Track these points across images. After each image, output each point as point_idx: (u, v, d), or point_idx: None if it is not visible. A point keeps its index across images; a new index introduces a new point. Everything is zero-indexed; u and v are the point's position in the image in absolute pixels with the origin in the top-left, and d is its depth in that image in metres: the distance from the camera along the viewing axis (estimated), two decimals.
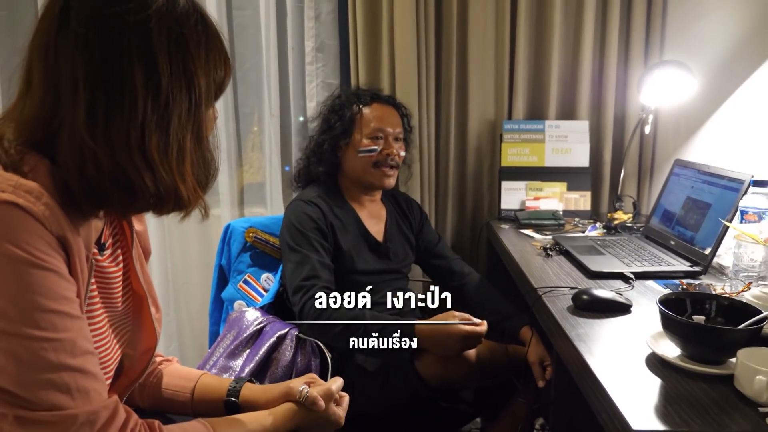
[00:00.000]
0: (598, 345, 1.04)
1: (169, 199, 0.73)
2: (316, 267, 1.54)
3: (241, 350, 1.43)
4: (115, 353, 0.85)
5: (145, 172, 0.70)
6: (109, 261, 0.84)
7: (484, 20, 2.22)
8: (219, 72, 0.78)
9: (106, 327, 0.81)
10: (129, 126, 0.68)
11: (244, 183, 2.47)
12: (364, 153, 1.71)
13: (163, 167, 0.71)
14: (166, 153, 0.71)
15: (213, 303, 1.79)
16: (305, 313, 1.47)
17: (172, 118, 0.71)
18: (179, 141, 0.72)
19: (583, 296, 1.23)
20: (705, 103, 1.90)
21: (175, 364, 1.06)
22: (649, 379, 0.92)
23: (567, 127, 2.23)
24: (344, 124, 1.71)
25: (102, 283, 0.81)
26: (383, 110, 1.76)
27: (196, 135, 0.75)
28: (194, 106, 0.73)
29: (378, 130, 1.72)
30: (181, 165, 0.73)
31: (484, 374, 1.50)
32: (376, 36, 2.20)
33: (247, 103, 2.42)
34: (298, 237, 1.60)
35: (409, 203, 1.95)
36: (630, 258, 1.55)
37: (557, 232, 1.95)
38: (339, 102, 1.76)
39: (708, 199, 1.55)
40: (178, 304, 2.49)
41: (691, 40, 2.02)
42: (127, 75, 0.68)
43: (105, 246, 0.83)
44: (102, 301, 0.81)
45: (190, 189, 0.74)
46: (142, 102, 0.69)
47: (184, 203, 0.75)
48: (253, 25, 2.32)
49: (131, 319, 0.90)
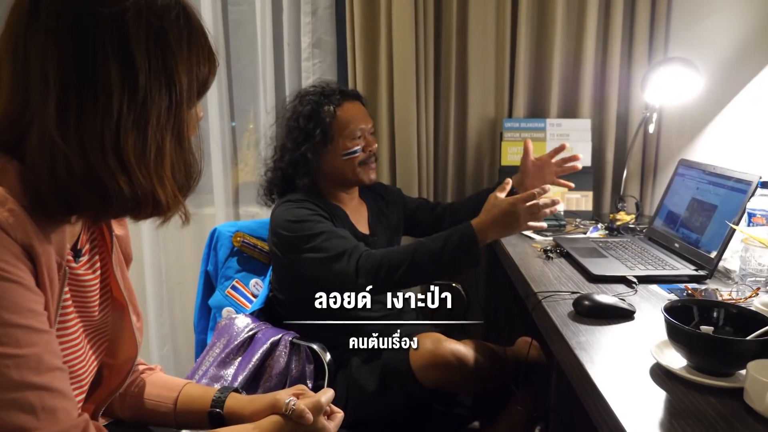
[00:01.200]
0: (600, 354, 1.00)
1: (146, 204, 0.69)
2: (345, 236, 1.49)
3: (232, 358, 1.39)
4: (91, 364, 0.80)
5: (120, 175, 0.65)
6: (85, 268, 0.79)
7: (484, 15, 2.17)
8: (202, 69, 0.73)
9: (80, 337, 0.77)
10: (103, 126, 0.64)
11: (239, 182, 2.43)
12: (348, 156, 1.67)
13: (140, 170, 0.67)
14: (144, 155, 0.67)
15: (199, 311, 1.74)
16: (362, 266, 1.40)
17: (150, 118, 0.67)
18: (158, 142, 0.68)
19: (585, 302, 1.19)
20: (711, 102, 1.85)
21: (159, 373, 1.02)
22: (654, 391, 0.88)
23: (569, 125, 2.18)
24: (323, 129, 1.64)
25: (77, 292, 0.77)
26: (354, 108, 1.70)
27: (176, 136, 0.71)
28: (175, 104, 0.69)
29: (356, 130, 1.67)
30: (160, 168, 0.69)
31: (482, 379, 1.46)
32: (374, 31, 2.15)
33: (243, 100, 2.39)
34: (302, 226, 1.52)
35: (384, 188, 1.92)
36: (633, 261, 1.51)
37: (558, 233, 1.90)
38: (309, 109, 1.66)
39: (714, 200, 1.50)
40: (172, 304, 2.46)
41: (697, 37, 1.98)
42: (101, 71, 0.64)
43: (81, 252, 0.79)
44: (77, 310, 0.77)
45: (169, 193, 0.70)
46: (118, 100, 0.64)
47: (163, 208, 0.71)
48: (248, 20, 2.29)
49: (110, 328, 0.86)
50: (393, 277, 1.40)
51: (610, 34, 2.14)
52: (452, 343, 1.43)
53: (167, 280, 2.43)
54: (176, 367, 2.49)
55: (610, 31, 2.14)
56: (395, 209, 1.88)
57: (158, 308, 2.43)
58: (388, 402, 1.44)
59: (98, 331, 0.83)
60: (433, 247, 1.40)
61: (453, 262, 1.40)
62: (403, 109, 2.15)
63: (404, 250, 1.44)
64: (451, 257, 1.39)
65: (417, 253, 1.41)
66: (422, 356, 1.40)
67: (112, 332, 0.87)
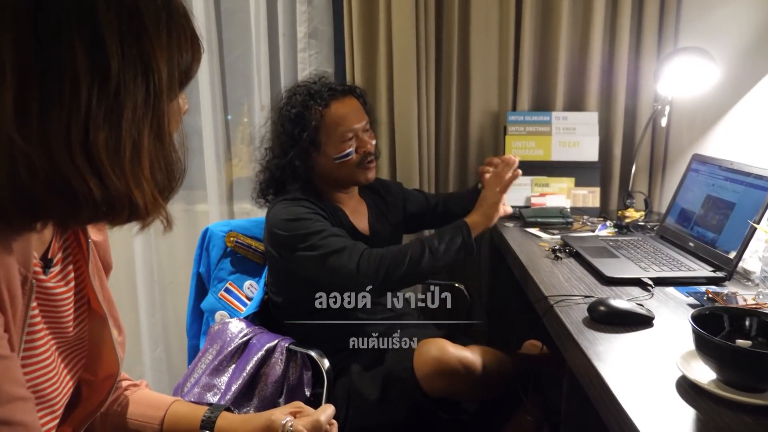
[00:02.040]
0: (621, 365, 0.94)
1: (121, 209, 0.61)
2: (344, 235, 1.46)
3: (225, 366, 1.31)
4: (66, 385, 0.73)
5: (90, 176, 0.57)
6: (56, 280, 0.71)
7: (487, 4, 2.09)
8: (184, 56, 0.65)
9: (52, 356, 0.69)
10: (70, 120, 0.56)
11: (233, 177, 2.35)
12: (341, 159, 1.58)
13: (114, 170, 0.58)
14: (117, 153, 0.59)
15: (191, 314, 1.66)
16: (364, 263, 1.38)
17: (124, 111, 0.58)
18: (134, 138, 0.60)
19: (601, 307, 1.12)
20: (724, 94, 1.78)
21: (144, 390, 0.94)
22: (681, 407, 0.81)
23: (575, 119, 2.10)
24: (310, 134, 1.54)
25: (47, 307, 0.69)
26: (344, 107, 1.59)
27: (155, 131, 0.62)
28: (153, 96, 0.61)
29: (347, 131, 1.57)
30: (137, 167, 0.61)
31: (490, 386, 1.39)
32: (373, 21, 2.07)
33: (236, 92, 2.31)
34: (301, 225, 1.45)
35: (385, 186, 1.85)
36: (646, 261, 1.44)
37: (565, 231, 1.83)
38: (295, 112, 1.56)
39: (731, 197, 1.43)
40: (164, 304, 2.39)
41: (710, 27, 1.90)
42: (66, 58, 0.55)
43: (52, 262, 0.71)
44: (48, 327, 0.69)
45: (147, 196, 0.62)
46: (86, 90, 0.56)
47: (141, 213, 0.63)
48: (241, 9, 2.21)
49: (89, 343, 0.78)
50: (393, 277, 1.39)
51: (618, 23, 2.06)
52: (458, 350, 1.36)
53: (159, 279, 2.36)
54: (169, 369, 2.42)
55: (618, 21, 2.06)
56: (395, 209, 1.81)
57: (150, 308, 2.35)
58: (391, 412, 1.37)
59: (74, 348, 0.76)
60: (430, 242, 1.44)
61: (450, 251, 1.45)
62: (403, 101, 2.07)
63: (402, 249, 1.43)
64: (448, 246, 1.45)
65: (415, 251, 1.42)
66: (427, 364, 1.33)
67: (91, 347, 0.79)
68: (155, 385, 2.42)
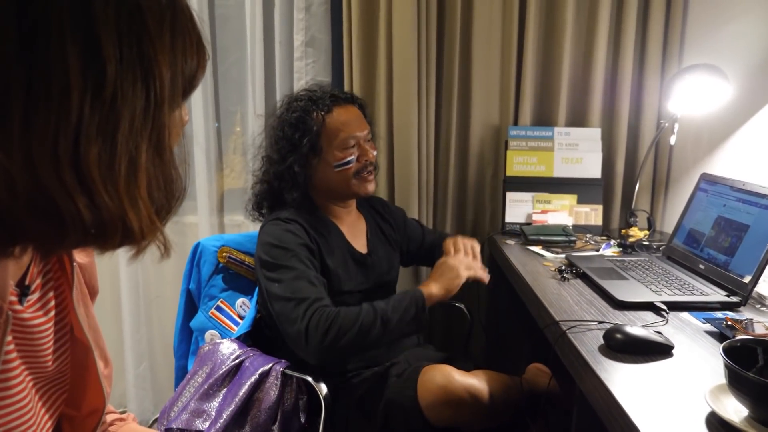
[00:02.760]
0: (643, 398, 0.88)
1: (113, 232, 0.53)
2: (314, 282, 1.35)
3: (216, 390, 1.23)
4: (44, 424, 0.65)
5: (80, 196, 0.50)
6: (33, 310, 0.63)
7: (489, 17, 2.04)
8: (189, 61, 0.58)
9: (29, 394, 0.62)
10: (58, 132, 0.48)
11: (224, 188, 2.28)
12: (341, 167, 1.51)
13: (106, 189, 0.51)
14: (111, 169, 0.51)
15: (179, 333, 1.57)
16: (313, 328, 1.26)
17: (120, 122, 0.51)
18: (130, 153, 0.52)
19: (617, 335, 1.06)
20: (732, 113, 1.74)
21: (131, 424, 0.86)
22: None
23: (578, 134, 2.06)
24: (311, 139, 1.48)
25: (23, 340, 0.61)
26: (346, 114, 1.54)
27: (155, 145, 0.55)
28: (153, 105, 0.54)
29: (349, 138, 1.51)
30: (133, 186, 0.53)
31: (497, 414, 1.32)
32: (372, 30, 2.02)
33: (230, 101, 2.25)
34: (282, 254, 1.38)
35: (385, 206, 1.78)
36: (657, 284, 1.38)
37: (568, 250, 1.78)
38: (296, 116, 1.51)
39: (745, 219, 1.38)
40: (149, 319, 2.30)
41: (715, 44, 1.87)
42: (56, 59, 0.48)
43: (30, 289, 0.63)
44: (24, 361, 0.61)
45: (143, 218, 0.55)
46: (78, 97, 0.48)
47: (136, 237, 0.55)
48: (237, 16, 2.15)
49: (71, 376, 0.71)
50: (340, 343, 1.27)
51: (623, 39, 2.03)
52: (465, 378, 1.29)
53: (145, 293, 2.27)
54: (153, 386, 2.33)
55: (623, 37, 2.03)
56: (395, 230, 1.74)
57: (135, 323, 2.26)
58: None
59: (54, 382, 0.68)
60: (383, 312, 1.32)
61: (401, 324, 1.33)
62: (402, 113, 2.01)
63: (354, 314, 1.30)
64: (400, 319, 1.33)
65: (367, 319, 1.30)
66: (431, 392, 1.27)
67: (74, 379, 0.71)
68: (139, 403, 2.32)
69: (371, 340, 1.30)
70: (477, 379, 1.31)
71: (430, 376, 1.30)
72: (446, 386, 1.27)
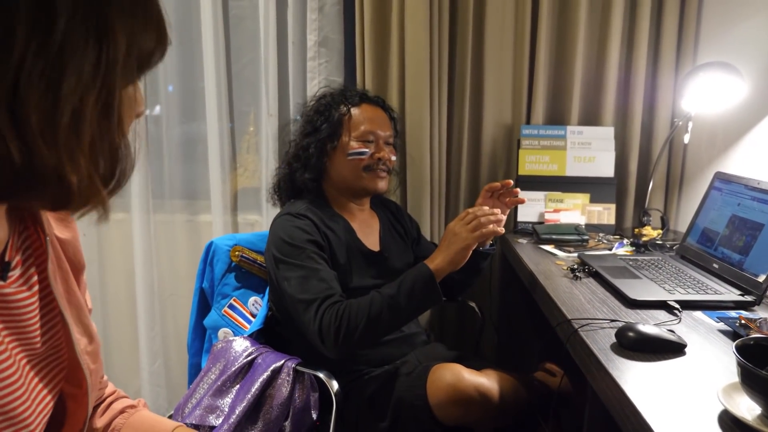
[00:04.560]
0: (656, 396, 0.88)
1: (47, 183, 0.51)
2: (323, 278, 1.35)
3: (229, 386, 1.24)
4: (41, 401, 0.65)
5: (12, 138, 0.48)
6: (17, 285, 0.62)
7: (502, 16, 2.04)
8: (146, 37, 0.56)
9: (20, 370, 0.62)
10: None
11: (237, 187, 2.29)
12: (353, 156, 1.54)
13: (43, 136, 0.49)
14: (53, 117, 0.49)
15: (193, 331, 1.59)
16: (326, 329, 1.26)
17: (66, 71, 0.49)
18: (74, 105, 0.50)
19: (630, 333, 1.06)
20: (747, 111, 1.73)
21: (143, 412, 0.86)
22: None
23: (590, 133, 2.05)
24: (331, 125, 1.54)
25: (8, 316, 0.61)
26: (373, 111, 1.60)
27: (102, 105, 0.53)
28: (105, 65, 0.52)
29: (368, 133, 1.55)
30: (73, 139, 0.51)
31: (507, 414, 1.32)
32: (385, 31, 2.02)
33: (243, 101, 2.26)
34: (291, 251, 1.39)
35: (400, 210, 1.80)
36: (670, 283, 1.38)
37: (581, 249, 1.77)
38: (324, 102, 1.59)
39: (760, 218, 1.37)
40: (164, 317, 2.32)
41: (731, 42, 1.85)
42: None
43: (11, 265, 0.62)
44: (13, 337, 0.61)
45: (82, 174, 0.52)
46: (23, 37, 0.46)
47: (72, 193, 0.52)
48: (251, 16, 2.17)
49: (66, 351, 0.70)
50: (354, 336, 1.26)
51: (636, 37, 2.01)
52: (474, 376, 1.29)
53: (159, 291, 2.29)
54: (167, 383, 2.35)
55: (636, 35, 2.01)
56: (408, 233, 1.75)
57: (149, 321, 2.29)
58: None
59: (48, 359, 0.67)
60: (388, 293, 1.30)
61: (412, 303, 1.31)
62: (414, 112, 2.02)
63: (361, 306, 1.29)
64: (408, 298, 1.30)
65: (374, 309, 1.28)
66: (441, 391, 1.27)
67: (69, 356, 0.70)
68: (153, 400, 2.35)
69: (384, 326, 1.31)
70: (487, 378, 1.31)
71: (440, 375, 1.30)
72: (456, 385, 1.27)
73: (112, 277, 2.31)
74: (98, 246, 2.28)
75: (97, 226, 2.22)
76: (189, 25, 2.17)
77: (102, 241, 2.28)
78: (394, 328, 1.38)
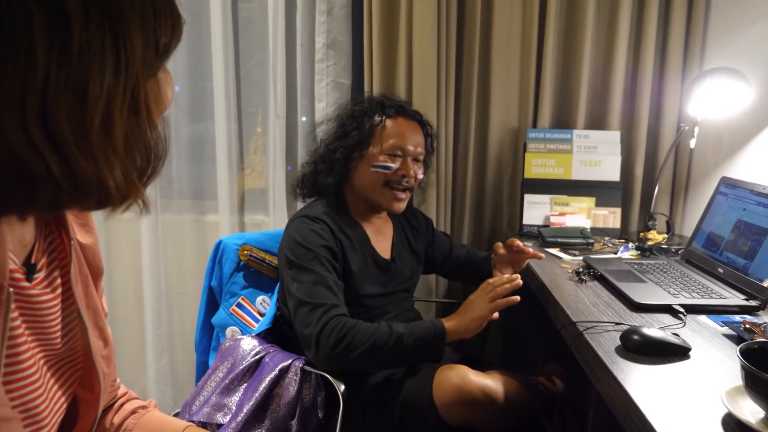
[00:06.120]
0: (660, 399, 0.89)
1: (88, 191, 0.52)
2: (332, 287, 1.36)
3: (237, 385, 1.26)
4: (57, 402, 0.66)
5: (50, 153, 0.48)
6: (42, 287, 0.64)
7: (509, 20, 2.05)
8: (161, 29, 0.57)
9: (39, 371, 0.63)
10: (24, 86, 0.47)
11: (245, 188, 2.31)
12: (377, 168, 1.52)
13: (78, 146, 0.50)
14: (83, 125, 0.50)
15: (201, 329, 1.60)
16: (325, 336, 1.27)
17: (90, 76, 0.50)
18: (103, 108, 0.51)
19: (634, 336, 1.07)
20: (753, 116, 1.73)
21: (154, 413, 0.87)
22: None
23: (597, 137, 2.06)
24: (361, 133, 1.51)
25: (32, 316, 0.62)
26: (408, 126, 1.56)
27: (130, 101, 0.54)
28: (125, 63, 0.53)
29: (396, 147, 1.52)
30: (107, 143, 0.52)
31: (512, 415, 1.33)
32: (393, 33, 2.04)
33: (251, 102, 2.28)
34: (305, 254, 1.40)
35: (415, 213, 1.79)
36: (675, 287, 1.38)
37: (586, 252, 1.78)
38: (360, 109, 1.56)
39: (765, 223, 1.38)
40: (171, 316, 2.34)
41: (738, 47, 1.85)
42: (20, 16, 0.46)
43: (36, 267, 0.63)
44: (34, 337, 0.62)
45: (119, 178, 0.54)
46: (44, 50, 0.46)
47: (112, 196, 0.54)
48: (259, 18, 2.18)
49: (82, 355, 0.71)
50: (351, 354, 1.27)
51: (643, 42, 2.02)
52: (480, 378, 1.30)
53: (167, 290, 2.31)
54: (173, 381, 2.37)
55: (643, 39, 2.02)
56: (422, 239, 1.75)
57: (156, 319, 2.30)
58: None
59: (65, 361, 0.69)
60: (398, 330, 1.30)
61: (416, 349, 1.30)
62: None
63: (370, 329, 1.29)
64: (415, 344, 1.29)
65: (381, 337, 1.28)
66: (447, 392, 1.28)
67: (85, 360, 0.72)
68: (159, 398, 2.36)
69: (382, 359, 1.30)
70: (492, 379, 1.32)
71: (446, 376, 1.31)
72: (462, 386, 1.28)
73: (120, 276, 2.33)
74: (106, 245, 2.30)
75: (105, 225, 2.25)
76: (198, 26, 2.19)
77: (110, 239, 2.30)
78: (387, 364, 1.37)
